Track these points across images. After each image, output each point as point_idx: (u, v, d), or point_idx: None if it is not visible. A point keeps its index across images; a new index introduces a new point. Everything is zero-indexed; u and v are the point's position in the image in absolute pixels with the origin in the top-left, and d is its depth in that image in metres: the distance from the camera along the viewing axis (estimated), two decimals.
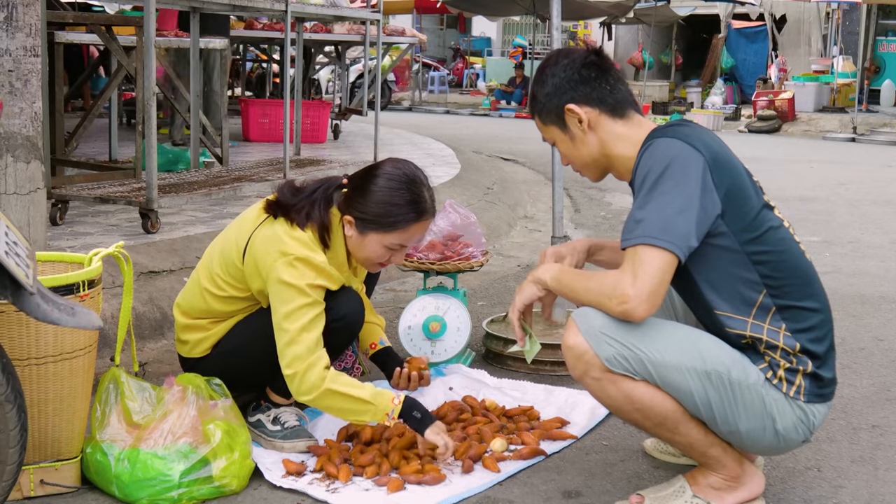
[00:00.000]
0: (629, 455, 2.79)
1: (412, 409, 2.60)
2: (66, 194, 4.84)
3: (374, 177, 2.68)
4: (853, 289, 4.98)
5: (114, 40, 5.82)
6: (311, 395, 2.56)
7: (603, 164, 2.45)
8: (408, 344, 3.42)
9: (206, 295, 2.78)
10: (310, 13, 6.37)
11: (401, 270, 3.58)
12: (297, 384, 2.56)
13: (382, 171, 2.69)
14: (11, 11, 3.01)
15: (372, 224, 2.66)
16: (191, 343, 2.84)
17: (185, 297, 2.87)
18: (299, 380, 2.56)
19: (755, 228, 2.26)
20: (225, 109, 7.02)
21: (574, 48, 2.48)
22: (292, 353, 2.56)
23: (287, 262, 2.59)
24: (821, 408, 2.32)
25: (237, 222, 2.81)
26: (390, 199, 2.65)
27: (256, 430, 2.78)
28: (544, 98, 2.42)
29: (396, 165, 2.72)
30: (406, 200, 2.66)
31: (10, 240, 1.99)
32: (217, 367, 2.78)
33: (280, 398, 2.82)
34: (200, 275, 2.83)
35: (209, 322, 2.81)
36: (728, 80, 19.88)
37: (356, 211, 2.67)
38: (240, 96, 12.68)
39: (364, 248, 2.71)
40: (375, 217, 2.65)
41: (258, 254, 2.64)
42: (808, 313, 2.29)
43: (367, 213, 2.66)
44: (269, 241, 2.64)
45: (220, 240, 2.83)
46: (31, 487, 2.42)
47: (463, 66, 26.90)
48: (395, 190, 2.65)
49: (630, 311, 2.16)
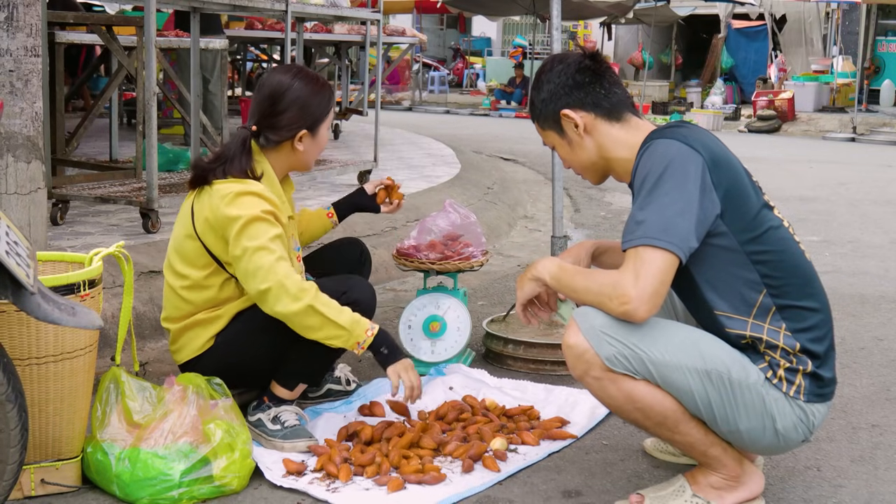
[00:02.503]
0: (629, 454, 2.80)
1: (381, 344, 2.68)
2: (67, 194, 4.84)
3: (279, 97, 2.80)
4: (853, 288, 4.98)
5: (114, 40, 5.82)
6: (294, 306, 2.57)
7: (602, 168, 2.46)
8: (408, 344, 3.42)
9: (183, 293, 2.80)
10: (310, 13, 6.37)
11: (401, 270, 3.58)
12: (275, 296, 2.58)
13: (279, 87, 2.81)
14: (12, 11, 3.01)
15: (318, 121, 2.85)
16: (188, 344, 2.83)
17: (166, 308, 2.89)
18: (277, 291, 2.57)
19: (755, 228, 2.26)
20: (225, 109, 7.02)
21: (569, 53, 2.48)
22: (261, 265, 2.60)
23: (229, 201, 2.67)
24: (821, 407, 2.32)
25: (177, 221, 2.89)
26: (311, 92, 2.83)
27: (257, 429, 2.78)
28: (541, 104, 2.45)
29: (280, 73, 2.87)
30: (318, 84, 2.86)
31: (11, 239, 1.99)
32: (218, 359, 2.79)
33: (284, 392, 2.82)
34: (168, 283, 2.86)
35: (203, 314, 2.81)
36: (728, 80, 19.88)
37: (298, 126, 2.81)
38: (240, 96, 12.69)
39: (318, 145, 2.90)
40: (316, 115, 2.84)
41: (207, 215, 2.71)
42: (807, 313, 2.30)
43: (310, 117, 2.83)
44: (210, 200, 2.71)
45: (171, 244, 2.89)
46: (32, 487, 2.42)
47: (463, 66, 26.91)
48: (302, 87, 2.82)
49: (632, 311, 2.16)
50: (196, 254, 2.77)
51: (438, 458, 2.69)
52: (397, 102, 20.32)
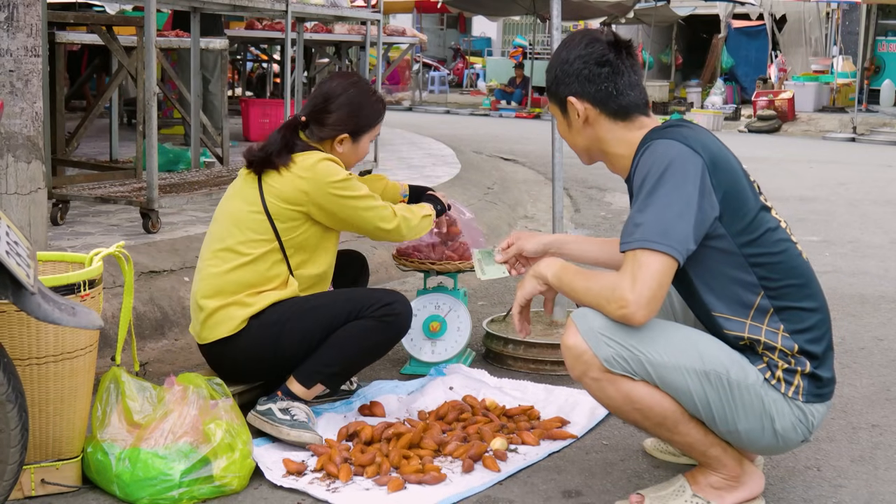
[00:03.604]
0: (629, 454, 2.80)
1: (429, 201, 3.26)
2: (67, 194, 4.84)
3: (332, 98, 2.99)
4: (853, 289, 4.98)
5: (114, 40, 5.82)
6: (412, 225, 3.04)
7: (596, 155, 2.46)
8: (408, 343, 3.43)
9: (232, 272, 2.83)
10: (310, 13, 6.37)
11: (401, 270, 3.58)
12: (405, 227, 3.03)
13: (335, 90, 3.00)
14: (12, 12, 3.01)
15: (362, 129, 3.03)
16: (222, 322, 2.83)
17: (208, 284, 2.87)
18: (400, 223, 3.01)
19: (753, 231, 2.26)
20: (225, 109, 7.02)
21: (599, 37, 2.39)
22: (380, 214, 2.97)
23: (320, 161, 2.89)
24: (819, 408, 2.32)
25: (228, 198, 2.99)
26: (360, 103, 3.01)
27: (264, 417, 2.78)
28: (552, 81, 2.43)
29: (342, 78, 3.07)
30: (369, 98, 3.03)
31: (11, 239, 1.99)
32: (249, 343, 2.81)
33: (301, 389, 2.83)
34: (212, 259, 2.88)
35: (246, 295, 2.83)
36: (728, 80, 19.86)
37: (341, 129, 2.98)
38: (240, 96, 12.69)
39: (357, 153, 3.08)
40: (361, 124, 3.01)
41: (301, 186, 2.86)
42: (806, 314, 2.30)
43: (354, 124, 2.99)
44: (298, 172, 2.87)
45: (223, 220, 2.94)
46: (32, 487, 2.42)
47: (463, 66, 26.91)
48: (359, 95, 3.01)
49: (629, 315, 2.16)
50: (261, 229, 2.85)
51: (438, 458, 2.69)
52: (397, 102, 20.31)
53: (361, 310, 2.83)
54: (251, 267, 2.85)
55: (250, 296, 2.84)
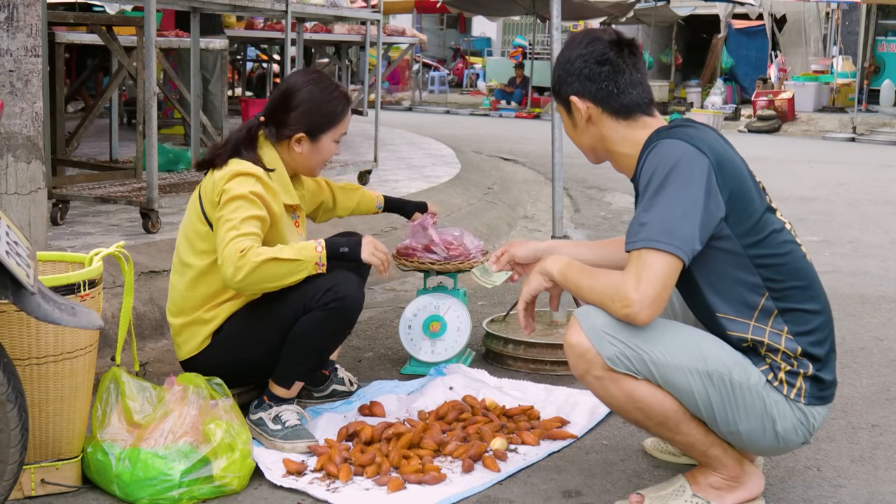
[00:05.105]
0: (629, 454, 2.80)
1: (336, 247, 2.73)
2: (67, 194, 4.84)
3: (290, 95, 2.86)
4: (853, 289, 4.98)
5: (114, 40, 5.82)
6: (241, 272, 2.56)
7: (602, 154, 2.46)
8: (408, 344, 3.43)
9: (188, 286, 2.82)
10: (310, 13, 6.37)
11: (401, 270, 3.58)
12: (224, 267, 2.59)
13: (293, 86, 2.87)
14: (12, 12, 3.01)
15: (321, 128, 2.87)
16: (188, 341, 2.85)
17: (172, 300, 2.91)
18: (223, 263, 2.59)
19: (758, 231, 2.25)
20: (225, 109, 7.02)
21: (601, 35, 2.40)
22: (221, 238, 2.63)
23: (229, 177, 2.72)
24: (821, 410, 2.32)
25: (187, 208, 2.92)
26: (321, 100, 2.85)
27: (258, 428, 2.78)
28: (556, 81, 2.44)
29: (301, 75, 2.93)
30: (329, 94, 2.87)
31: (11, 239, 1.99)
32: (216, 357, 2.80)
33: (282, 390, 2.82)
34: (175, 276, 2.89)
35: (204, 311, 2.82)
36: (728, 80, 19.85)
37: (298, 128, 2.85)
38: (240, 96, 12.69)
39: (319, 154, 2.90)
40: (320, 122, 2.86)
41: (212, 196, 2.73)
42: (809, 316, 2.29)
43: (311, 122, 2.85)
44: (214, 181, 2.76)
45: (180, 230, 2.92)
46: (32, 487, 2.42)
47: (463, 66, 26.91)
48: (318, 92, 2.86)
49: (633, 315, 2.15)
50: (203, 238, 2.79)
51: (438, 458, 2.69)
52: (397, 102, 20.31)
53: (307, 303, 2.71)
54: (204, 279, 2.80)
55: (209, 310, 2.82)
